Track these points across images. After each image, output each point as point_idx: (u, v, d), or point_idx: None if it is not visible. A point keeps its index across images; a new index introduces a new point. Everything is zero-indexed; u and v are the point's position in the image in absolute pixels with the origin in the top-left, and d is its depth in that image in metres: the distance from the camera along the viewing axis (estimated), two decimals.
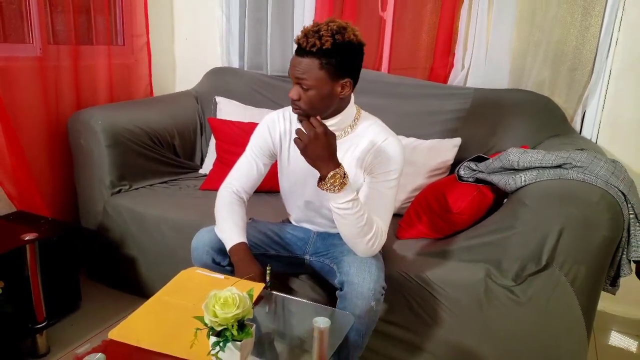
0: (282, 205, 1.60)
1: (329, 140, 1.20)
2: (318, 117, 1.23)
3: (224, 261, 1.40)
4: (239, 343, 0.90)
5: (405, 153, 1.36)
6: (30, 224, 1.79)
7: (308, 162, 1.22)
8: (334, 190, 1.21)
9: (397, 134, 1.40)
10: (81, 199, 2.10)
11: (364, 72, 1.37)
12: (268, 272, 1.27)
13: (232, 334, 0.88)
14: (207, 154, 2.42)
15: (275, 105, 2.37)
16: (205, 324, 0.90)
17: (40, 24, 2.04)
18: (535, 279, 1.39)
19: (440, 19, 2.16)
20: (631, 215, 1.35)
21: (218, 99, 2.46)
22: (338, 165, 1.21)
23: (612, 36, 1.90)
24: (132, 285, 2.02)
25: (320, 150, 1.19)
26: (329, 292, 1.56)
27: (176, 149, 2.34)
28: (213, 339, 0.90)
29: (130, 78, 2.49)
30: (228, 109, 2.40)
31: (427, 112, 2.11)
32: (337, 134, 1.33)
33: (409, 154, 1.95)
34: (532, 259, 1.37)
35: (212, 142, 2.36)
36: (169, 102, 2.46)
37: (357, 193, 1.33)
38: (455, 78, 2.20)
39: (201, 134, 2.49)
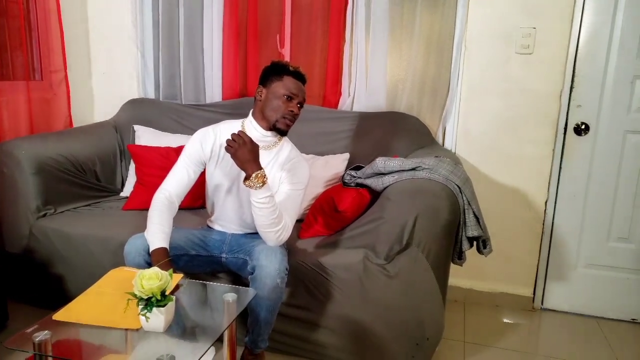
0: (201, 218, 1.88)
1: (253, 147, 1.54)
2: (242, 131, 1.58)
3: None
4: (163, 308, 1.17)
5: (310, 170, 1.77)
6: None
7: (237, 164, 1.55)
8: (256, 187, 1.53)
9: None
10: (5, 224, 2.21)
11: None
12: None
13: (156, 299, 1.15)
14: (128, 178, 2.62)
15: (189, 130, 2.63)
16: (135, 296, 1.17)
17: None
18: (400, 257, 1.75)
19: (328, 55, 2.56)
20: (465, 203, 1.80)
21: (136, 127, 2.68)
22: (260, 167, 1.55)
23: (459, 68, 2.40)
24: (61, 302, 2.13)
25: (247, 155, 1.53)
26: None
27: (97, 175, 2.52)
28: (142, 305, 1.16)
29: (50, 111, 2.63)
30: (146, 136, 2.63)
31: (322, 133, 2.49)
32: (269, 144, 1.74)
33: None
34: (397, 241, 1.74)
35: (132, 167, 2.57)
36: (89, 132, 2.63)
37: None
38: (344, 104, 2.59)
39: (121, 160, 2.68)
